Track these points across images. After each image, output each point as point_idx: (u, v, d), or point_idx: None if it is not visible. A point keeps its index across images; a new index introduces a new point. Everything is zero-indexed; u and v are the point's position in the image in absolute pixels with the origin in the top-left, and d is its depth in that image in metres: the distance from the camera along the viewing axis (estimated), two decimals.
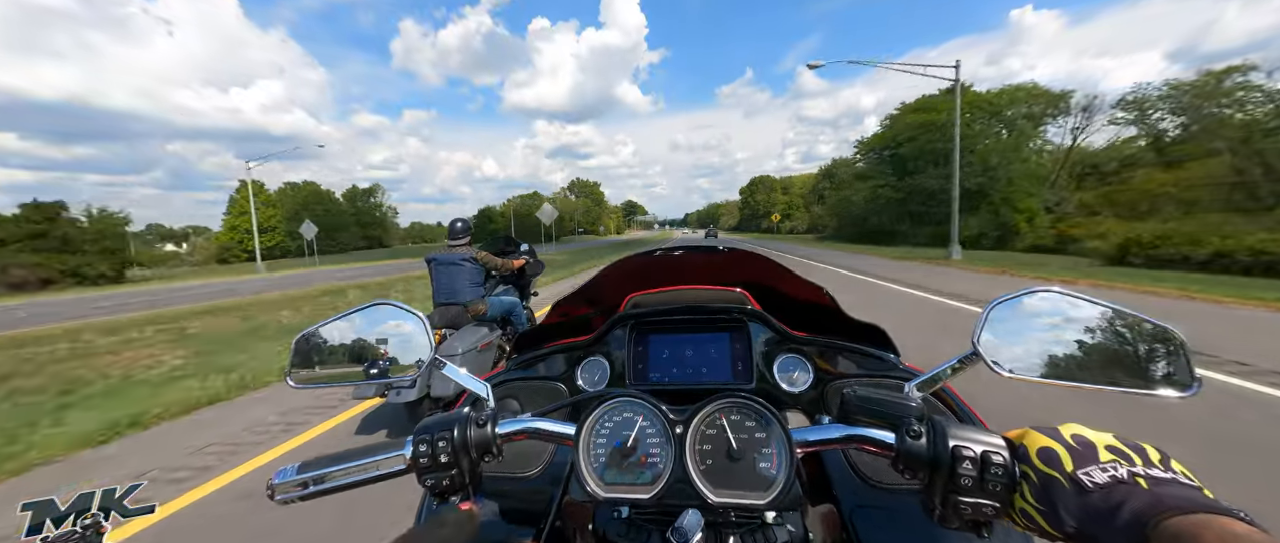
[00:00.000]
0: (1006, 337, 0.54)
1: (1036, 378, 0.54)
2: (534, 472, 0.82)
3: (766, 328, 0.89)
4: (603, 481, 0.54)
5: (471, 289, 3.75)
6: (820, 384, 0.86)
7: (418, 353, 0.66)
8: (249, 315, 9.70)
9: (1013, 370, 0.54)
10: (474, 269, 3.80)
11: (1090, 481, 0.39)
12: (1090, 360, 0.53)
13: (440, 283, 3.79)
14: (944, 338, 5.66)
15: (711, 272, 1.04)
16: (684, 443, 0.53)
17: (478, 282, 3.84)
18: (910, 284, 10.98)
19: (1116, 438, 0.43)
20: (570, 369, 0.94)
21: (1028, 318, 0.54)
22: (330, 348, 0.68)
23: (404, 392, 2.91)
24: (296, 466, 0.55)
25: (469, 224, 3.99)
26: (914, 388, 0.56)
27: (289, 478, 0.54)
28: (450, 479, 0.54)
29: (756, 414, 0.54)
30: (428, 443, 0.54)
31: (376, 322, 0.67)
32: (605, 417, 0.57)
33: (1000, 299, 0.55)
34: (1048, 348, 0.54)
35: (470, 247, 3.92)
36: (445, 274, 3.78)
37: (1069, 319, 0.54)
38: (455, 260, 3.75)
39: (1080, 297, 0.53)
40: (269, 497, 0.54)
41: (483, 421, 0.56)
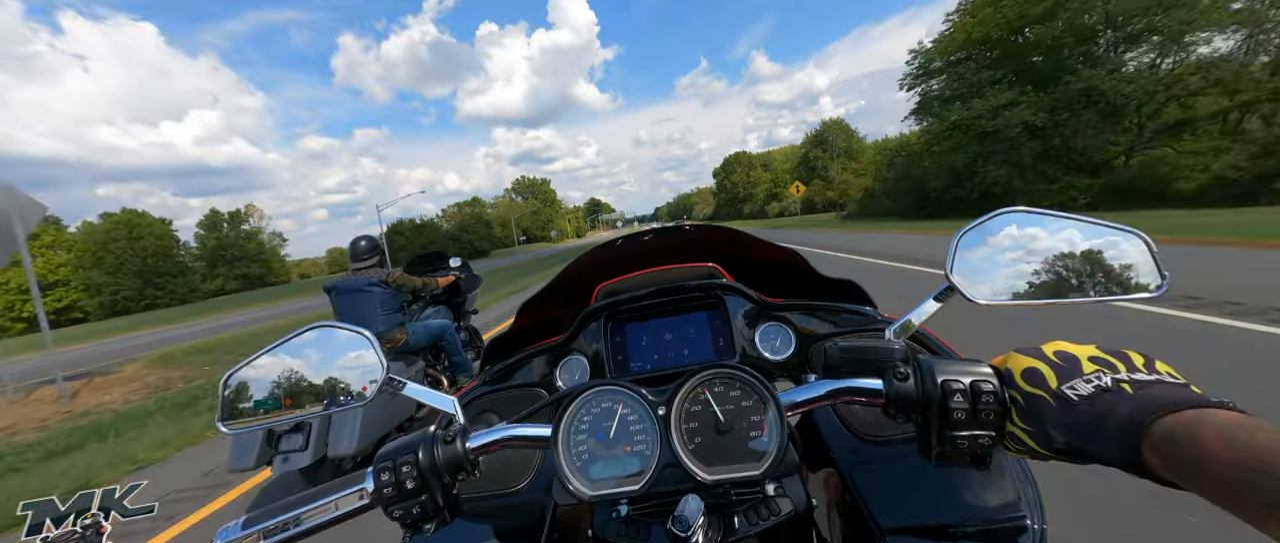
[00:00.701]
0: (978, 265, 0.54)
1: (1012, 302, 0.53)
2: (521, 485, 0.79)
3: (743, 300, 0.88)
4: (588, 479, 0.52)
5: (385, 318, 3.27)
6: (803, 348, 0.86)
7: (368, 376, 0.59)
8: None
9: (989, 299, 0.53)
10: (386, 294, 3.30)
11: (1075, 394, 0.39)
12: (1062, 277, 0.52)
13: (344, 315, 3.27)
14: None
15: (679, 251, 1.02)
16: (668, 424, 0.51)
17: (392, 308, 3.34)
18: None
19: (1099, 348, 0.42)
20: (549, 372, 0.91)
21: (996, 244, 0.54)
22: (265, 385, 0.60)
23: (294, 458, 2.36)
24: (242, 521, 0.50)
25: (376, 241, 3.49)
26: (894, 333, 0.56)
27: (235, 536, 0.49)
28: (421, 506, 0.50)
29: (741, 384, 0.52)
30: (390, 471, 0.49)
31: (317, 348, 0.61)
32: (582, 412, 0.54)
33: (966, 228, 0.55)
34: (1019, 271, 0.53)
35: (380, 268, 3.43)
36: (350, 303, 3.27)
37: (1035, 238, 0.53)
38: (360, 286, 3.25)
39: (1044, 213, 0.53)
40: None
41: (450, 437, 0.52)
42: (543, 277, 13.22)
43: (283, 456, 2.43)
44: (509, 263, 35.80)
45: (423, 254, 4.56)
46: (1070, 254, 0.52)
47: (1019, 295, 0.53)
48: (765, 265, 1.01)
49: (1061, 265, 0.52)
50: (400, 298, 3.45)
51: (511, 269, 25.52)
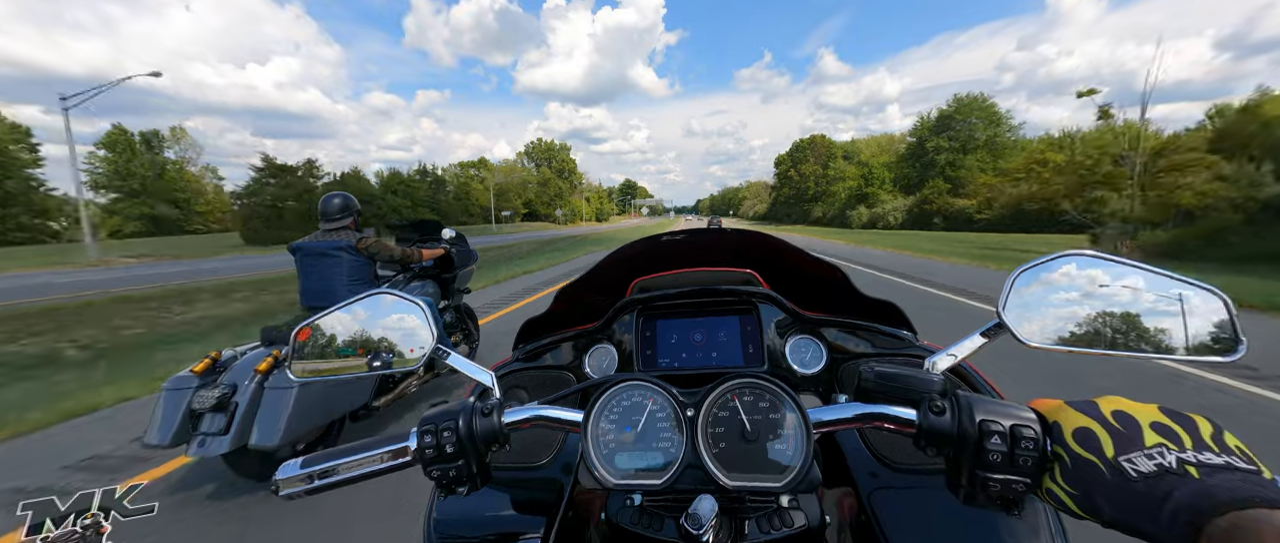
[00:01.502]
0: (1033, 306, 0.52)
1: (1062, 348, 0.52)
2: (544, 461, 0.82)
3: (777, 309, 0.89)
4: (612, 468, 0.53)
5: (351, 287, 2.81)
6: (834, 366, 0.86)
7: (420, 344, 0.64)
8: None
9: (1038, 341, 0.52)
10: (355, 261, 2.85)
11: (1133, 469, 0.36)
12: (1123, 327, 0.50)
13: (308, 279, 2.84)
14: None
15: (719, 253, 1.02)
16: (695, 427, 0.52)
17: (361, 277, 2.90)
18: None
19: (1162, 412, 0.40)
20: (577, 358, 0.94)
21: (1055, 285, 0.52)
22: (329, 340, 0.67)
23: (211, 442, 2.08)
24: (300, 461, 0.56)
25: (350, 200, 2.99)
26: (935, 364, 0.55)
27: (293, 473, 0.54)
28: (457, 470, 0.54)
29: (771, 395, 0.53)
30: (433, 434, 0.53)
31: (377, 312, 0.67)
32: (613, 402, 0.56)
33: (1025, 266, 0.53)
34: (1077, 316, 0.51)
35: (352, 231, 2.93)
36: (313, 267, 2.84)
37: (1099, 285, 0.51)
38: (326, 249, 2.81)
39: (1112, 260, 0.51)
40: (274, 493, 0.54)
41: (488, 410, 0.55)
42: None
43: (201, 438, 2.07)
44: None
45: (414, 221, 3.90)
46: (1134, 305, 0.50)
47: (1071, 342, 0.51)
48: (803, 277, 0.99)
49: (1123, 316, 0.50)
50: (372, 267, 2.97)
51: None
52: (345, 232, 2.91)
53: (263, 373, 2.18)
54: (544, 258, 15.95)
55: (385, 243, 3.02)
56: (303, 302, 2.90)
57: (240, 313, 7.49)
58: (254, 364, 2.22)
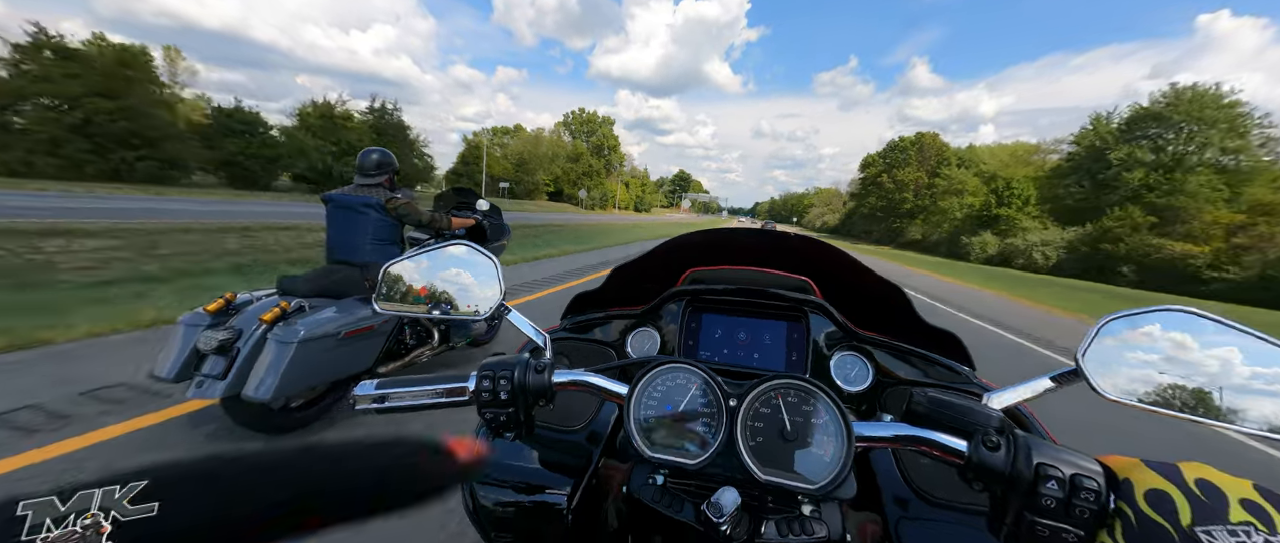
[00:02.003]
0: (1116, 357, 0.50)
1: (1147, 406, 0.49)
2: (577, 427, 0.85)
3: (828, 321, 0.88)
4: (649, 441, 0.55)
5: (374, 247, 2.69)
6: (879, 388, 0.85)
7: (488, 298, 0.69)
8: None
9: (1118, 395, 0.49)
10: (381, 220, 2.72)
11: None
12: (1216, 393, 0.47)
13: (334, 231, 2.73)
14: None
15: (777, 256, 1.02)
16: (736, 417, 0.53)
17: (387, 239, 2.76)
18: None
19: (1256, 490, 0.36)
20: (621, 337, 0.96)
21: (1144, 339, 0.49)
22: (412, 280, 0.73)
23: (208, 384, 2.07)
24: (376, 382, 0.61)
25: (389, 157, 2.86)
26: (994, 399, 0.53)
27: (368, 391, 0.59)
28: (507, 417, 0.58)
29: (816, 401, 0.54)
30: (490, 380, 0.57)
31: (457, 262, 0.71)
32: (659, 380, 0.58)
33: (1115, 315, 0.51)
34: (1165, 374, 0.48)
35: (385, 190, 2.78)
36: (340, 221, 2.71)
37: (1193, 344, 0.48)
38: (355, 204, 2.68)
39: (1214, 319, 0.48)
40: (351, 406, 0.60)
41: (541, 367, 0.59)
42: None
43: (200, 379, 2.08)
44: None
45: (451, 188, 3.91)
46: (1232, 372, 0.47)
47: (1154, 400, 0.48)
48: (860, 293, 0.97)
49: (1217, 381, 0.47)
50: (399, 229, 2.84)
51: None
52: (378, 189, 2.75)
53: (267, 323, 2.08)
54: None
55: (416, 206, 2.84)
56: (327, 256, 2.73)
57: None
58: (262, 312, 2.11)
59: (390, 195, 2.76)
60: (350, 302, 2.45)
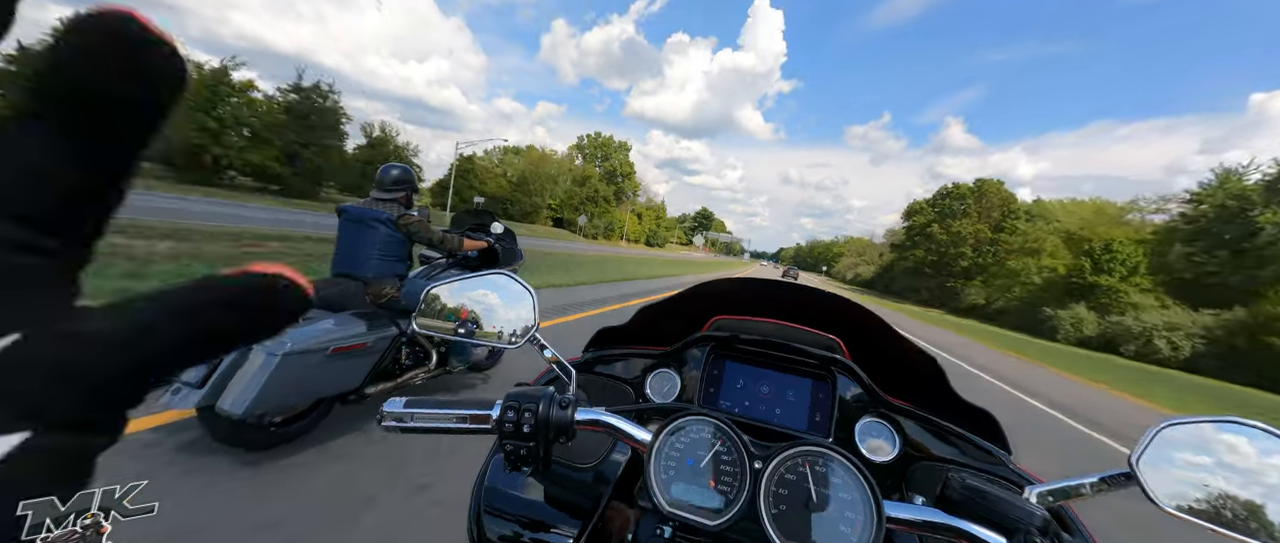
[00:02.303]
0: (1173, 465, 0.47)
1: (1207, 524, 0.45)
2: (588, 466, 0.82)
3: (856, 384, 0.86)
4: (668, 494, 0.53)
5: (381, 263, 2.63)
6: (906, 461, 0.80)
7: (524, 325, 0.69)
8: None
9: (1175, 507, 0.46)
10: (391, 236, 2.65)
11: None
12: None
13: (343, 242, 2.66)
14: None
15: (807, 312, 0.99)
16: (760, 480, 0.51)
17: (395, 255, 2.69)
18: None
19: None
20: (642, 377, 0.95)
21: (1205, 450, 0.47)
22: (450, 303, 0.74)
23: (184, 392, 1.96)
24: (404, 401, 0.62)
25: (409, 173, 2.82)
26: (1037, 496, 0.50)
27: (396, 409, 0.61)
28: (527, 450, 0.56)
29: (846, 472, 0.51)
30: (515, 411, 0.57)
31: (495, 290, 0.72)
32: (683, 432, 0.57)
33: (1174, 422, 0.48)
34: (1227, 490, 0.45)
35: (400, 205, 2.72)
36: (351, 233, 2.65)
37: (1267, 463, 0.45)
38: (367, 217, 2.62)
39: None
40: (378, 422, 0.61)
41: (565, 403, 0.58)
42: None
43: (178, 385, 1.98)
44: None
45: (467, 209, 3.91)
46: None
47: (1214, 518, 0.45)
48: (891, 359, 0.94)
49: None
50: (408, 246, 2.77)
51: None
52: (393, 204, 2.69)
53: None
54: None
55: (428, 225, 2.78)
56: (332, 267, 2.65)
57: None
58: None
59: (403, 212, 2.67)
60: (346, 316, 2.34)
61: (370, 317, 2.47)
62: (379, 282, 2.58)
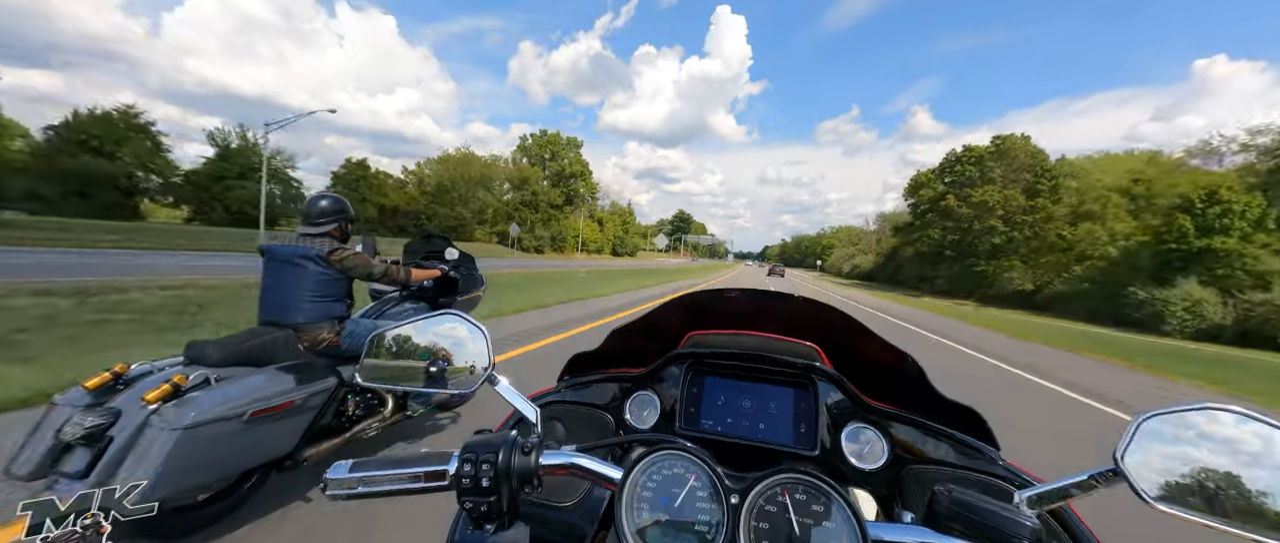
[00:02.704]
0: (1160, 459, 0.46)
1: (1199, 518, 0.44)
2: (569, 503, 0.80)
3: (838, 391, 0.84)
4: (643, 539, 0.51)
5: (313, 305, 2.28)
6: (897, 464, 0.78)
7: (477, 366, 0.68)
8: None
9: (1165, 503, 0.45)
10: (323, 274, 2.31)
11: None
12: (1270, 504, 0.43)
13: (267, 290, 2.30)
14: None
15: (782, 321, 0.99)
16: (738, 515, 0.50)
17: (330, 295, 2.33)
18: None
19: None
20: (620, 401, 0.92)
21: (1191, 440, 0.46)
22: (399, 350, 0.73)
23: (62, 487, 1.62)
24: (350, 464, 0.58)
25: (342, 204, 2.48)
26: (1027, 501, 0.49)
27: (341, 475, 0.57)
28: (489, 506, 0.53)
29: (826, 499, 0.50)
30: (472, 463, 0.53)
31: (443, 332, 0.71)
32: (654, 468, 0.54)
33: (1154, 413, 0.48)
34: (1216, 482, 0.45)
35: (331, 239, 2.36)
36: (276, 275, 2.29)
37: (1252, 450, 0.44)
38: (293, 256, 2.27)
39: (1269, 422, 0.44)
40: (322, 490, 0.57)
41: (527, 448, 0.55)
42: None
43: (56, 478, 1.66)
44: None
45: (424, 234, 3.49)
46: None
47: (1212, 513, 0.44)
48: (871, 361, 0.94)
49: (1272, 492, 0.43)
50: (346, 283, 2.43)
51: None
52: (323, 239, 2.33)
53: (152, 403, 1.67)
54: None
55: (366, 258, 2.44)
56: (259, 315, 2.30)
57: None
58: (149, 389, 1.70)
59: (335, 246, 2.33)
60: (272, 372, 2.01)
61: (302, 369, 2.11)
62: (313, 327, 2.25)
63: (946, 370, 6.72)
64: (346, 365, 2.31)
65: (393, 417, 2.62)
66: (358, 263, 2.38)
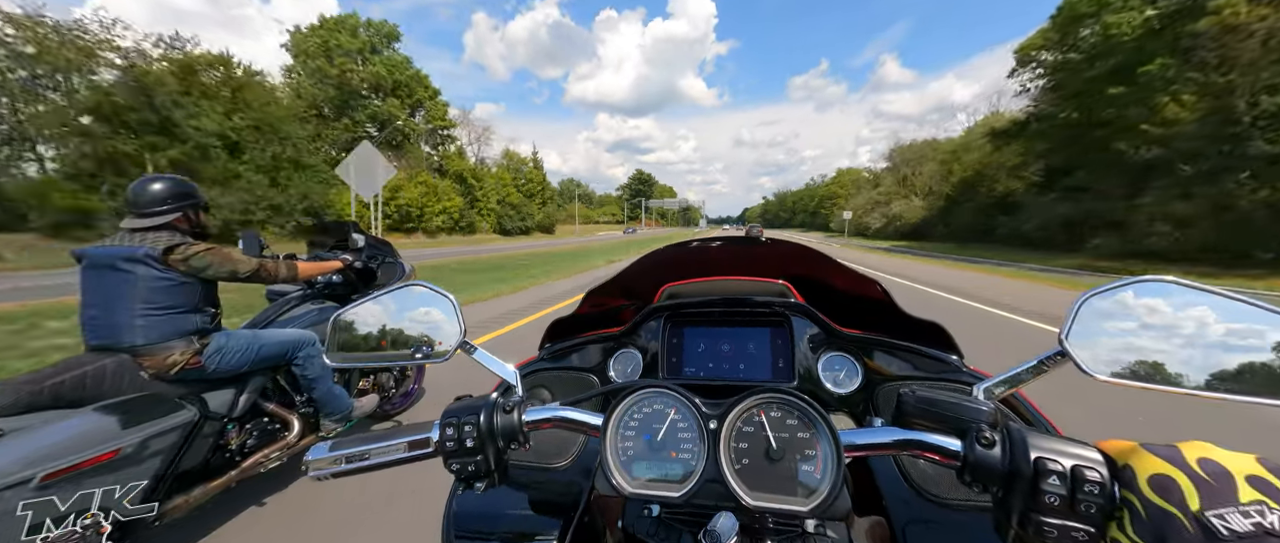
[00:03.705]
0: (1102, 335, 0.49)
1: (1137, 383, 0.47)
2: (564, 463, 0.83)
3: (811, 323, 0.88)
4: (630, 476, 0.53)
5: (154, 321, 1.79)
6: (870, 386, 0.84)
7: (448, 337, 0.67)
8: None
9: (1109, 375, 0.48)
10: (159, 279, 1.80)
11: (1225, 526, 0.32)
12: (1214, 366, 0.46)
13: (86, 306, 1.80)
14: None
15: (752, 263, 1.03)
16: (718, 440, 0.51)
17: (178, 305, 1.84)
18: None
19: (1261, 464, 0.36)
20: (603, 361, 0.95)
21: (1129, 314, 0.48)
22: (366, 329, 0.71)
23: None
24: (329, 444, 0.58)
25: (181, 187, 1.92)
26: (984, 392, 0.52)
27: (323, 455, 0.57)
28: (475, 465, 0.55)
29: (800, 413, 0.51)
30: (454, 427, 0.55)
31: (409, 304, 0.69)
32: (635, 409, 0.56)
33: (1096, 291, 0.49)
34: (1154, 349, 0.47)
35: (171, 232, 1.86)
36: (96, 288, 1.79)
37: (1183, 317, 0.47)
38: (117, 258, 1.76)
39: (1199, 288, 0.47)
40: (304, 473, 0.59)
41: (510, 407, 0.57)
42: None
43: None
44: None
45: (326, 222, 3.12)
46: (1223, 341, 0.46)
47: (1144, 377, 0.47)
48: (841, 293, 0.99)
49: (1218, 353, 0.46)
50: (202, 288, 1.91)
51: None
52: (160, 233, 1.82)
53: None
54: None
55: (225, 253, 1.93)
56: (85, 339, 1.80)
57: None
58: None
59: (179, 240, 1.83)
60: (92, 413, 1.56)
61: (137, 405, 1.66)
62: (158, 348, 1.77)
63: None
64: (219, 390, 1.90)
65: (301, 440, 2.18)
66: (214, 260, 1.88)
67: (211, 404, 1.86)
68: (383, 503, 2.15)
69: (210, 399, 1.88)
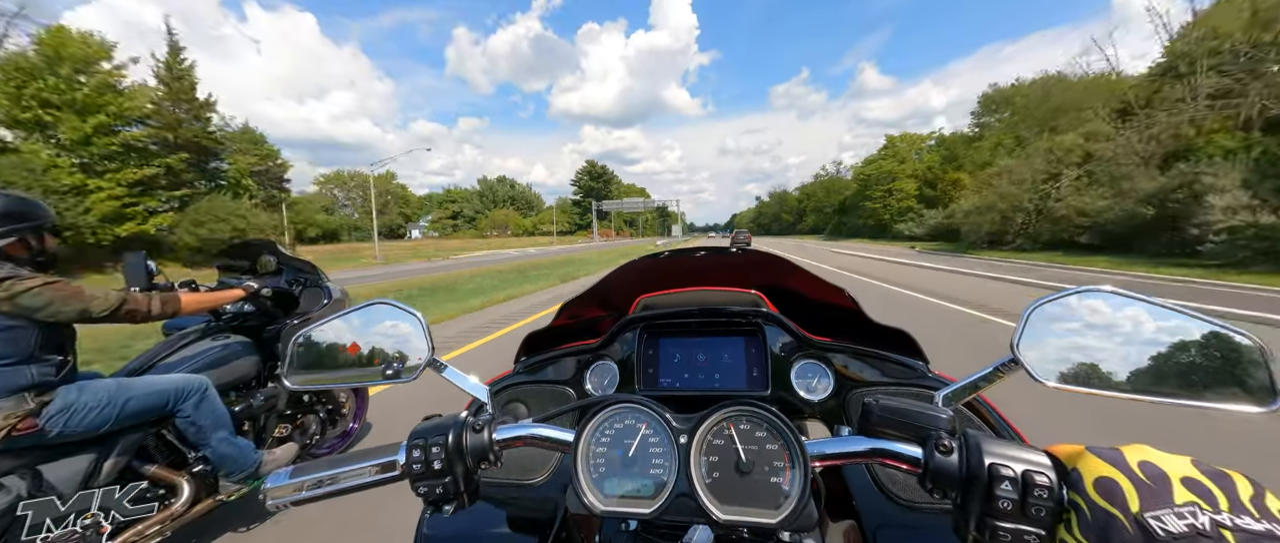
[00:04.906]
0: (1051, 343, 0.51)
1: (1084, 389, 0.51)
2: (540, 478, 0.83)
3: (784, 332, 0.90)
4: (602, 493, 0.53)
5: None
6: (841, 392, 0.86)
7: (416, 355, 0.66)
8: None
9: (1058, 381, 0.51)
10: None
11: (1161, 528, 0.34)
12: (1149, 370, 0.49)
13: None
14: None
15: (725, 273, 1.05)
16: (688, 454, 0.52)
17: (7, 354, 1.58)
18: None
19: (1196, 467, 0.38)
20: (579, 374, 0.95)
21: (1075, 322, 0.52)
22: (328, 348, 0.69)
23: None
24: (289, 470, 0.57)
25: (20, 203, 1.66)
26: (943, 399, 0.55)
27: (281, 483, 0.55)
28: (444, 488, 0.53)
29: (768, 425, 0.52)
30: (422, 448, 0.54)
31: (374, 322, 0.69)
32: (607, 424, 0.56)
33: (1042, 300, 0.53)
34: (1099, 356, 0.51)
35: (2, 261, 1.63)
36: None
37: (1125, 324, 0.50)
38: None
39: (1138, 298, 0.50)
40: (262, 501, 0.56)
41: (479, 426, 0.56)
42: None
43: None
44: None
45: (240, 242, 2.72)
46: (1160, 347, 0.49)
47: (1090, 382, 0.50)
48: (811, 302, 1.01)
49: (1152, 358, 0.49)
50: (41, 331, 1.62)
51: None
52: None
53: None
54: None
55: (74, 287, 1.63)
56: None
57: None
58: None
59: (10, 272, 1.56)
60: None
61: (33, 461, 1.49)
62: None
63: None
64: (68, 458, 1.52)
65: (191, 505, 1.80)
66: (54, 298, 1.58)
67: (49, 477, 1.49)
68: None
69: (48, 471, 1.50)
